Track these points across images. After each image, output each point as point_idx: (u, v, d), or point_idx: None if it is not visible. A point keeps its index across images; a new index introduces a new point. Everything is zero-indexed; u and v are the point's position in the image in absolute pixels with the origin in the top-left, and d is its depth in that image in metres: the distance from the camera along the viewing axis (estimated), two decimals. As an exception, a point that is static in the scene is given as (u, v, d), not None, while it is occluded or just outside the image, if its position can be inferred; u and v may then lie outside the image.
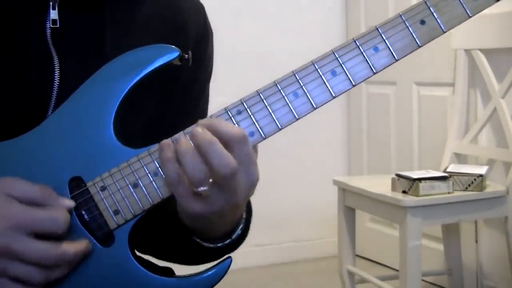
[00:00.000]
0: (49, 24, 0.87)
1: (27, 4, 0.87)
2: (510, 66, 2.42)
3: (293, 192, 3.32)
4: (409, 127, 3.10)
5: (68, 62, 0.87)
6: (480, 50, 2.56)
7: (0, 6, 0.86)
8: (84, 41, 0.89)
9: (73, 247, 0.78)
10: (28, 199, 0.77)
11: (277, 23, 3.36)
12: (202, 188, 0.76)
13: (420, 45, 0.82)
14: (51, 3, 0.87)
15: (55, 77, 0.87)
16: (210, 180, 0.77)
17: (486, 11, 0.82)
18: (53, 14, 0.87)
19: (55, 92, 0.86)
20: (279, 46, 3.29)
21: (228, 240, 0.89)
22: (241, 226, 0.89)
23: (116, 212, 0.82)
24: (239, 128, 0.78)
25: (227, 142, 0.76)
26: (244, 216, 0.90)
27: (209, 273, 0.83)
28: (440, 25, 0.82)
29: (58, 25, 0.87)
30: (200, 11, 1.01)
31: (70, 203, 0.80)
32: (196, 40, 0.98)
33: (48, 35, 0.87)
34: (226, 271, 0.83)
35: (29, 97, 0.86)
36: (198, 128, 0.76)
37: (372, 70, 0.82)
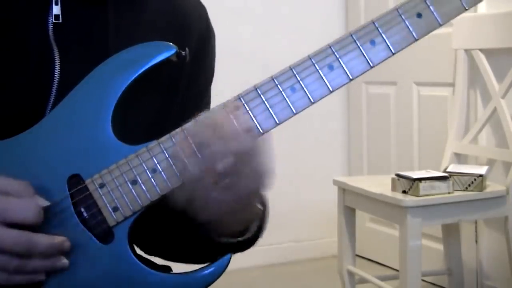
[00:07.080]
0: (51, 19, 0.87)
1: None
2: (510, 66, 2.41)
3: (293, 192, 3.31)
4: (409, 127, 3.10)
5: (69, 58, 0.87)
6: (480, 50, 2.56)
7: (2, 1, 0.86)
8: (86, 37, 0.89)
9: (47, 238, 0.78)
10: (5, 191, 0.77)
11: (277, 23, 3.36)
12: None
13: (416, 38, 0.82)
14: None
15: (55, 73, 0.86)
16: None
17: (486, 11, 0.83)
18: (56, 10, 0.87)
19: (55, 89, 0.86)
20: (279, 46, 3.28)
21: (247, 235, 0.90)
22: (256, 223, 0.91)
23: (115, 209, 0.82)
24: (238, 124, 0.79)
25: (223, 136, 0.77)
26: (259, 214, 0.91)
27: (208, 269, 0.83)
28: (436, 18, 0.82)
29: (60, 21, 0.87)
30: (202, 13, 1.01)
31: (44, 201, 0.80)
32: (198, 41, 0.98)
33: (50, 31, 0.87)
34: (225, 268, 0.83)
35: (29, 93, 0.86)
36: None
37: (369, 64, 0.82)
